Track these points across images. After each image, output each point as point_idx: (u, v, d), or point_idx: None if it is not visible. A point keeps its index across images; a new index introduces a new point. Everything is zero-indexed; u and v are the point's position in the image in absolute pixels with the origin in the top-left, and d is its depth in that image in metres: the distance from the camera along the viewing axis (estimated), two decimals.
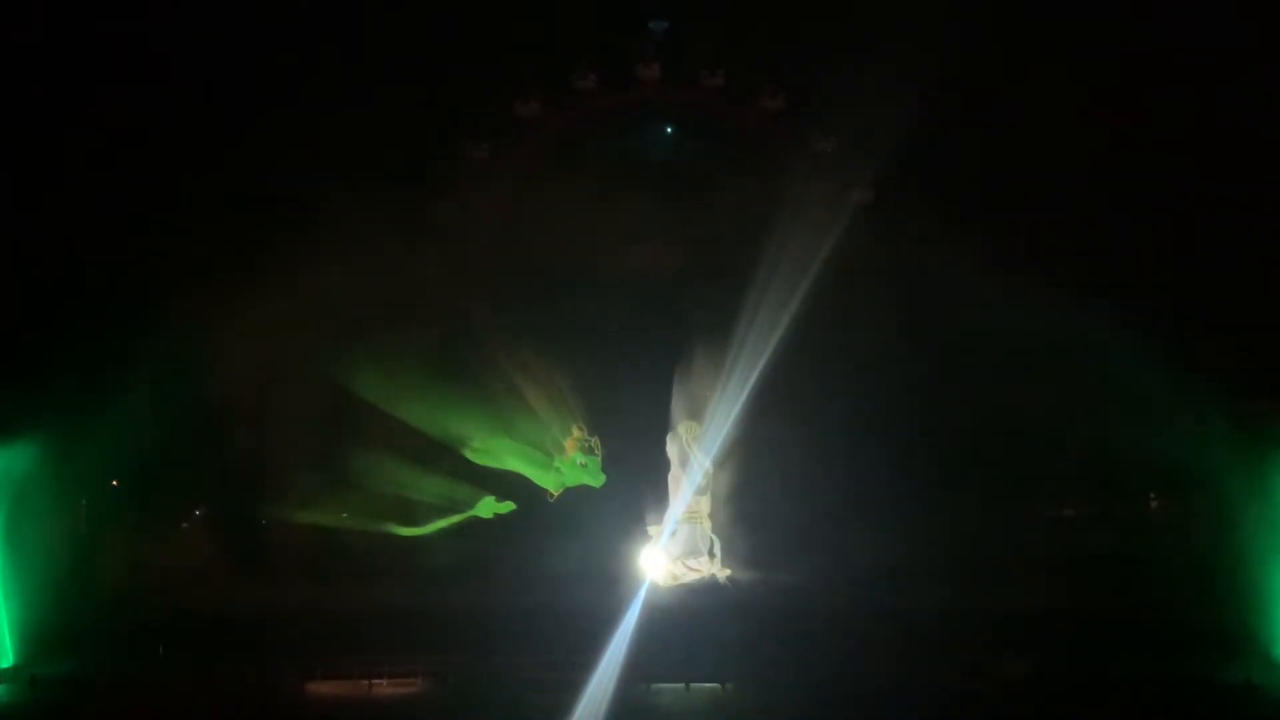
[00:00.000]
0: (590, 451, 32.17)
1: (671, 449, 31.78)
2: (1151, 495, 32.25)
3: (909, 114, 28.15)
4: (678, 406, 31.56)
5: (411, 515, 31.71)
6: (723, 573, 30.92)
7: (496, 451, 31.98)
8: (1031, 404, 29.30)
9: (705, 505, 31.62)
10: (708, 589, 30.43)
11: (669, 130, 33.77)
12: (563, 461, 32.30)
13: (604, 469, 32.05)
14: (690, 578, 30.82)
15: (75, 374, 28.39)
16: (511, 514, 32.20)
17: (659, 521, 31.46)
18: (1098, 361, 29.28)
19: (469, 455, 31.81)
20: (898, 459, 30.26)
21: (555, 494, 32.16)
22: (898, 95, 28.10)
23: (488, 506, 32.25)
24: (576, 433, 32.16)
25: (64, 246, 30.32)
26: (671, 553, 31.23)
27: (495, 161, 32.63)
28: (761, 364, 29.26)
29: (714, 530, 31.53)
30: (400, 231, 30.59)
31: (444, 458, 31.64)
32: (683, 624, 26.53)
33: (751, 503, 31.02)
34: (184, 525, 32.66)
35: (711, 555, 31.21)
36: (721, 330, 29.85)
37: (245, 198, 30.45)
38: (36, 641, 25.03)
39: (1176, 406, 27.39)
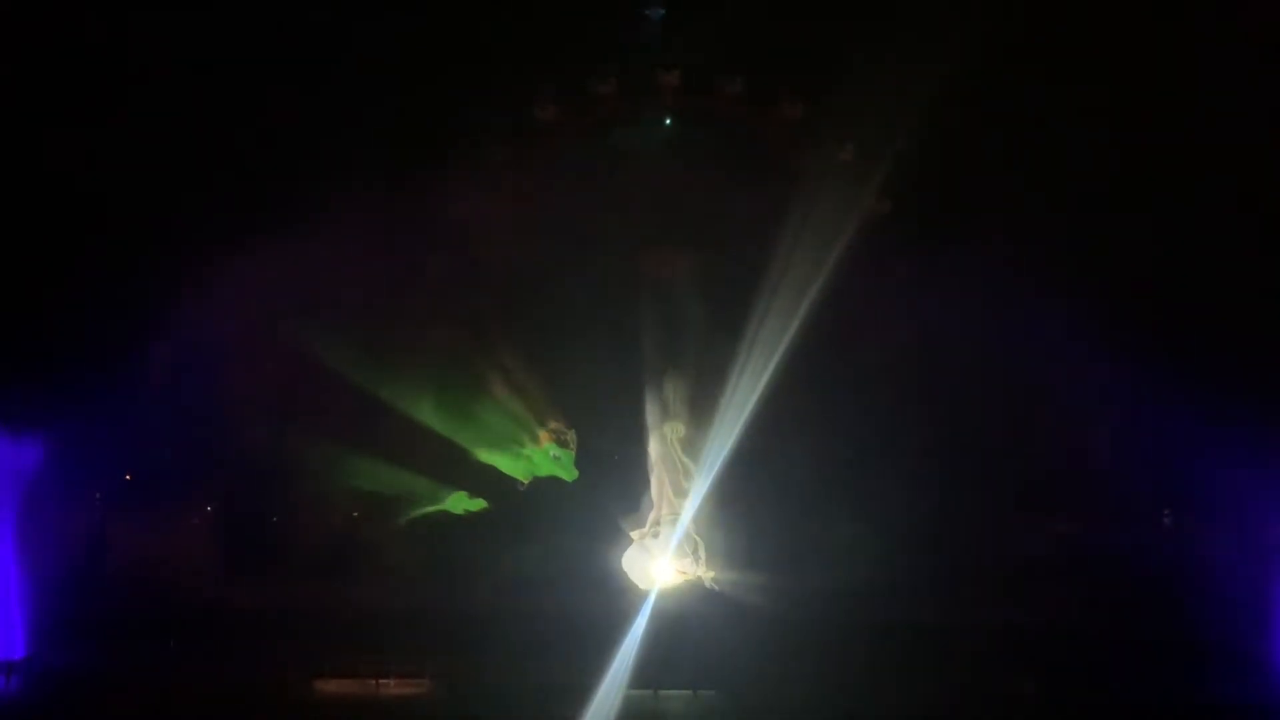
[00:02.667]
0: (565, 444, 32.14)
1: (655, 450, 31.76)
2: (1165, 510, 32.13)
3: (928, 124, 28.12)
4: (664, 408, 31.51)
5: (392, 509, 31.70)
6: (708, 575, 30.87)
7: (481, 444, 31.96)
8: (1041, 416, 29.27)
9: (688, 507, 31.52)
10: (701, 594, 30.39)
11: (684, 135, 33.73)
12: (535, 451, 32.24)
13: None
14: (676, 580, 30.79)
15: (88, 366, 28.50)
16: (495, 515, 32.12)
17: (642, 524, 31.44)
18: (1111, 374, 29.20)
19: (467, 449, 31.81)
20: (900, 468, 30.23)
21: (525, 482, 32.10)
22: (918, 104, 28.07)
23: (458, 502, 32.24)
24: (553, 424, 32.08)
25: (75, 239, 30.40)
26: (656, 556, 31.17)
27: (511, 163, 32.68)
28: (759, 368, 29.24)
29: (698, 533, 31.45)
30: (410, 231, 30.69)
31: (435, 452, 31.56)
32: (687, 630, 26.58)
33: (739, 506, 30.91)
34: (195, 521, 32.76)
35: (696, 557, 31.16)
36: (722, 334, 29.87)
37: (258, 193, 30.48)
38: (48, 634, 25.19)
39: (1189, 421, 27.31)
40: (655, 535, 31.29)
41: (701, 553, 31.09)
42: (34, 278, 29.93)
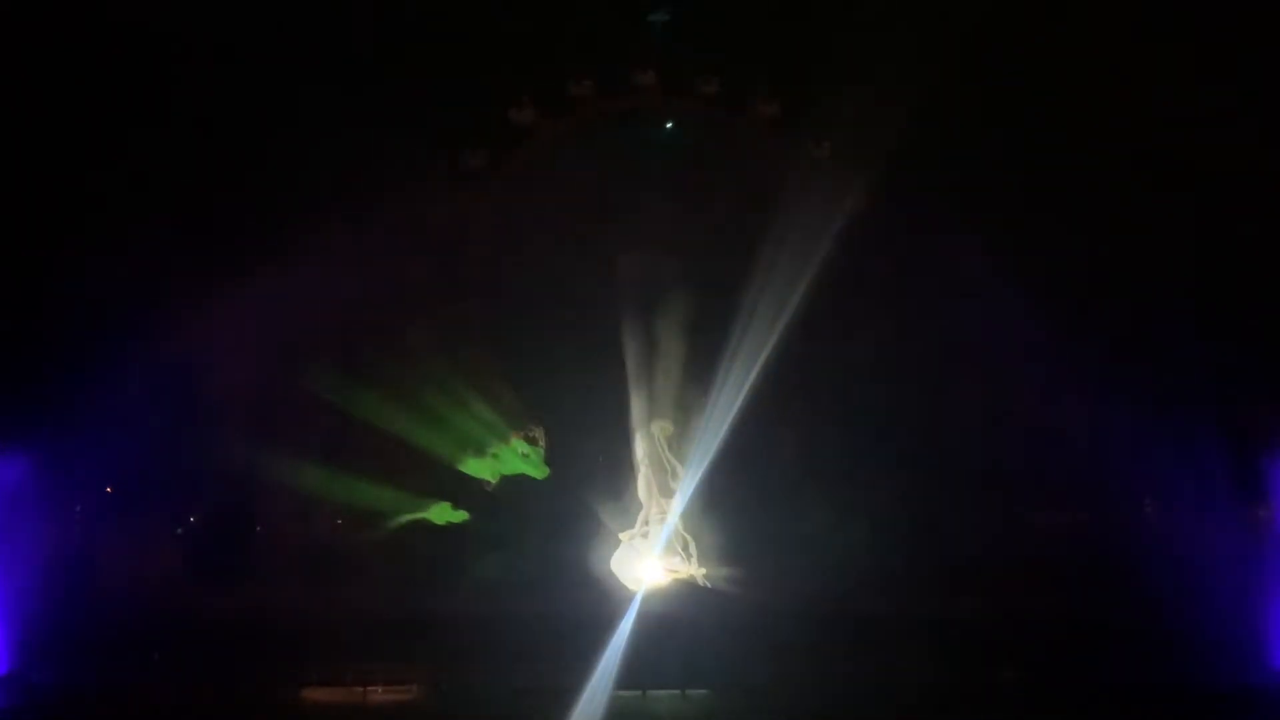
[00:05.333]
0: (533, 441, 31.97)
1: (642, 449, 31.62)
2: (1146, 500, 32.28)
3: (906, 120, 28.22)
4: (650, 407, 31.46)
5: (376, 514, 31.50)
6: (699, 573, 30.73)
7: (468, 449, 31.84)
8: (1025, 408, 29.38)
9: (676, 505, 31.31)
10: (690, 592, 30.31)
11: (663, 136, 33.79)
12: (502, 449, 32.09)
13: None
14: (667, 580, 30.66)
15: (68, 378, 28.36)
16: (481, 518, 31.98)
17: (630, 524, 31.33)
18: (1092, 366, 29.35)
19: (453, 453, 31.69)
20: (886, 463, 30.30)
21: (493, 482, 31.96)
22: (895, 101, 28.17)
23: (441, 513, 32.11)
24: (516, 421, 31.96)
25: (56, 249, 30.25)
26: (646, 556, 31.03)
27: (489, 167, 32.65)
28: (745, 366, 29.26)
29: (687, 531, 31.33)
30: (392, 237, 30.63)
31: (418, 456, 31.38)
32: (675, 629, 26.57)
33: (728, 504, 30.87)
34: (178, 531, 32.60)
35: (688, 556, 31.03)
36: (706, 333, 29.89)
37: (238, 201, 30.39)
38: (31, 649, 25.04)
39: (1172, 410, 27.46)
40: (645, 535, 31.21)
41: (693, 551, 31.01)
42: (12, 292, 29.78)
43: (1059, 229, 30.37)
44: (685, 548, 31.01)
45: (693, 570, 30.74)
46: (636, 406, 31.38)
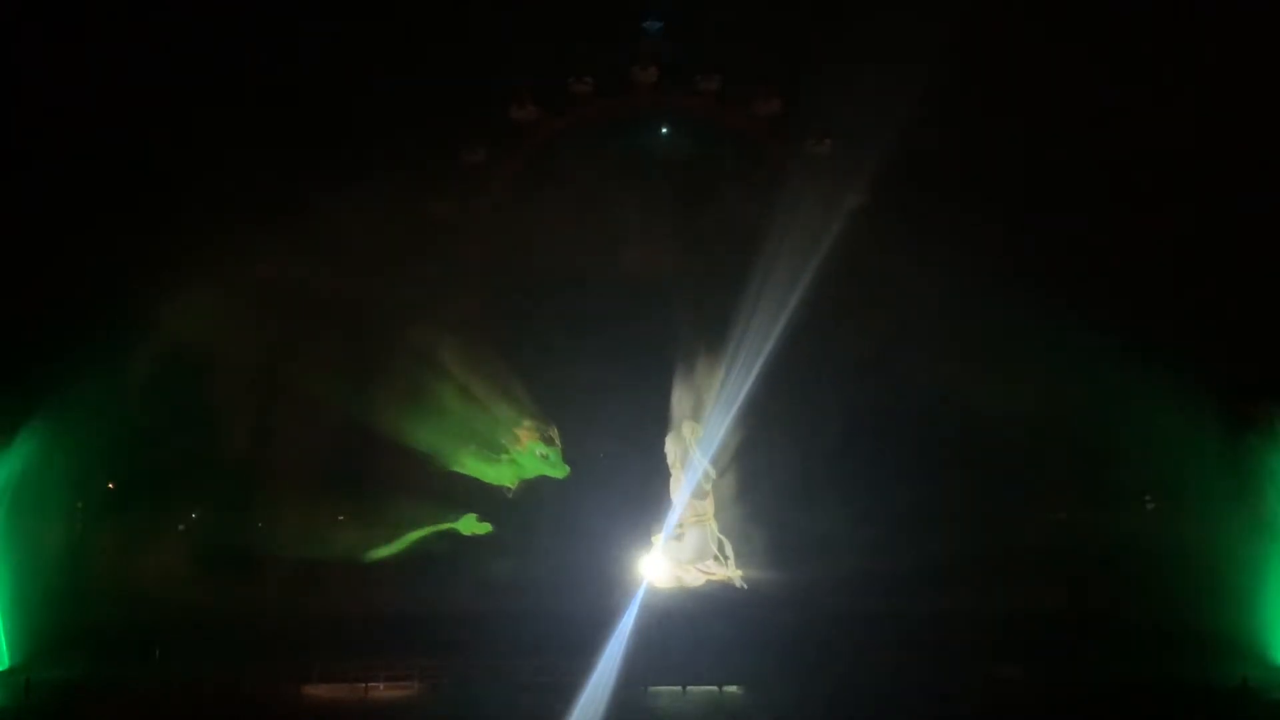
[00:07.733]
0: (550, 441, 31.82)
1: (672, 450, 31.45)
2: (1147, 497, 32.29)
3: (904, 117, 28.19)
4: (677, 408, 31.27)
5: (396, 526, 31.49)
6: (736, 574, 30.36)
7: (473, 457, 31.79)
8: (1028, 407, 29.36)
9: (709, 507, 31.28)
10: (712, 592, 30.02)
11: (664, 133, 33.77)
12: (518, 453, 32.11)
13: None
14: (702, 581, 30.29)
15: (71, 378, 28.34)
16: (510, 518, 31.93)
17: (661, 525, 31.03)
18: (1093, 364, 29.34)
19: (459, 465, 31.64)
20: (895, 462, 30.23)
21: (513, 488, 31.90)
22: (892, 98, 28.14)
23: (468, 524, 32.05)
24: (529, 422, 31.91)
25: (61, 249, 30.25)
26: (680, 557, 30.70)
27: (490, 165, 32.61)
28: (761, 366, 29.13)
29: (720, 531, 31.03)
30: (396, 236, 30.61)
31: (430, 467, 31.36)
32: (680, 627, 26.52)
33: (753, 504, 30.77)
34: (180, 528, 32.57)
35: (724, 557, 30.63)
36: (719, 332, 29.77)
37: (242, 201, 30.39)
38: (33, 645, 25.05)
39: (1172, 409, 27.47)
40: (679, 537, 30.80)
41: (728, 550, 30.59)
42: (16, 287, 29.79)
43: (1060, 226, 30.42)
44: (721, 549, 30.65)
45: (730, 571, 30.34)
46: (674, 408, 31.18)
